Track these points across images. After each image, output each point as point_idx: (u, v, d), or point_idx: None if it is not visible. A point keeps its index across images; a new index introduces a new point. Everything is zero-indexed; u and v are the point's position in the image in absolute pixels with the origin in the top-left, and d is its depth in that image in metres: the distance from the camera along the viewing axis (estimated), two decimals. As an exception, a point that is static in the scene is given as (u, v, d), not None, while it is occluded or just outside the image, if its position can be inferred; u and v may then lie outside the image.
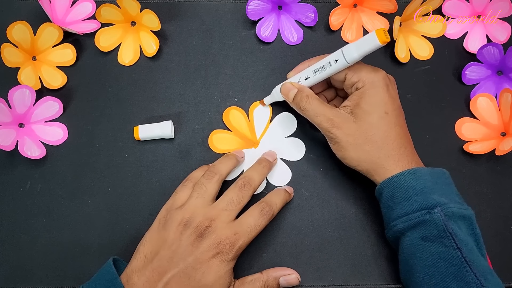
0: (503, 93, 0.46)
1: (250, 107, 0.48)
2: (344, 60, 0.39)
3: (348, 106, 0.41)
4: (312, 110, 0.41)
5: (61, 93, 0.48)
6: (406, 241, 0.38)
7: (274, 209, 0.40)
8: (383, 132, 0.39)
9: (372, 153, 0.39)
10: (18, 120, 0.45)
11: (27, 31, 0.46)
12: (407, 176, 0.38)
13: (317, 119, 0.41)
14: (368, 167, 0.40)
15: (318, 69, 0.41)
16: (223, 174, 0.41)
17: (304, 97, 0.41)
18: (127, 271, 0.37)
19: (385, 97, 0.40)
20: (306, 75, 0.42)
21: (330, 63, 0.40)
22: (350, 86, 0.41)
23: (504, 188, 0.46)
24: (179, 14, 0.51)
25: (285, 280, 0.40)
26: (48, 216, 0.44)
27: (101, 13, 0.49)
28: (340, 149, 0.40)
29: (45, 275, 0.42)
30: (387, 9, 0.50)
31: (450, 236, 0.36)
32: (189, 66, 0.49)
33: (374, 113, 0.39)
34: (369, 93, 0.39)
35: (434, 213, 0.36)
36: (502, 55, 0.47)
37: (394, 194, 0.38)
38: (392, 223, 0.39)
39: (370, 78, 0.40)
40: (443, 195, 0.38)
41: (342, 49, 0.39)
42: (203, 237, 0.37)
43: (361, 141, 0.39)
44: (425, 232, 0.37)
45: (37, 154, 0.45)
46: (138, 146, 0.46)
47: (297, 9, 0.50)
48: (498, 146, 0.44)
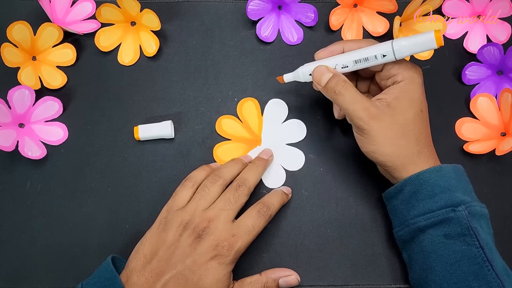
0: (503, 93, 0.46)
1: (237, 106, 0.48)
2: (393, 56, 0.37)
3: (384, 99, 0.39)
4: (350, 96, 0.38)
5: (61, 93, 0.48)
6: (427, 239, 0.37)
7: (271, 210, 0.40)
8: (418, 129, 0.39)
9: (407, 148, 0.38)
10: (18, 120, 0.45)
11: (27, 31, 0.46)
12: (432, 173, 0.38)
13: (353, 106, 0.38)
14: (399, 162, 0.39)
15: (360, 60, 0.38)
16: (227, 179, 0.41)
17: (341, 81, 0.39)
18: (126, 271, 0.37)
19: (421, 94, 0.39)
20: (344, 63, 0.39)
21: (376, 57, 0.38)
22: (387, 77, 0.39)
23: (504, 188, 0.46)
24: (179, 14, 0.51)
25: (284, 282, 0.40)
26: (48, 216, 0.44)
27: (101, 13, 0.49)
28: (373, 142, 0.38)
29: (45, 275, 0.42)
30: (387, 9, 0.50)
31: (473, 234, 0.36)
32: (189, 66, 0.49)
33: (411, 109, 0.38)
34: (408, 88, 0.38)
35: (459, 211, 0.36)
36: (502, 55, 0.47)
37: (418, 191, 0.38)
38: (412, 220, 0.38)
39: (411, 73, 0.39)
40: (466, 193, 0.38)
41: (393, 44, 0.37)
42: (201, 238, 0.37)
43: (398, 135, 0.38)
44: (449, 229, 0.36)
45: (38, 154, 0.45)
46: (138, 146, 0.46)
47: (297, 9, 0.50)
48: (498, 146, 0.44)
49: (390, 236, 0.44)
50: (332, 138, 0.47)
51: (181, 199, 0.40)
